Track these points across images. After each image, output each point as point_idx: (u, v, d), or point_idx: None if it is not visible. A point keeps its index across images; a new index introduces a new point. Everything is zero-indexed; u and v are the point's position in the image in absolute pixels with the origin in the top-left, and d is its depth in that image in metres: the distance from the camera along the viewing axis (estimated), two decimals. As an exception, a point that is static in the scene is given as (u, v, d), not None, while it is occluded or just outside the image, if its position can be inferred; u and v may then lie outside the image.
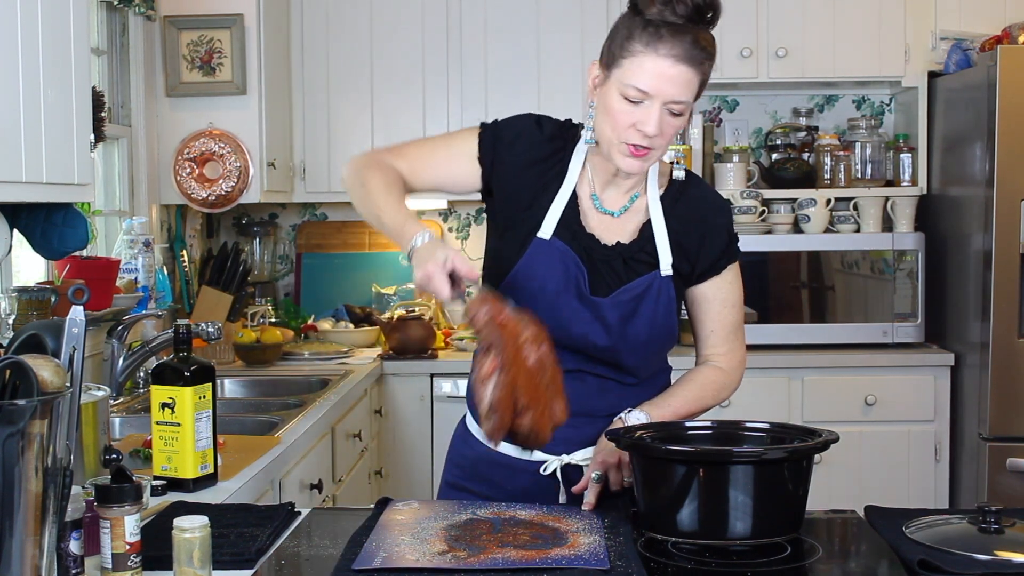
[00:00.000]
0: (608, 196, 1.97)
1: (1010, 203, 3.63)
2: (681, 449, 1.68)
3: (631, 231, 1.96)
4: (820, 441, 1.64)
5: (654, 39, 1.78)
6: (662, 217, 1.96)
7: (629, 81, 1.80)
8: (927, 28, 4.09)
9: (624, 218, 1.97)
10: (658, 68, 1.78)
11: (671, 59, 1.78)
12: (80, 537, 1.49)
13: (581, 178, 1.97)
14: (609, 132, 1.85)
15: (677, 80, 1.79)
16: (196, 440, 1.98)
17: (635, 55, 1.80)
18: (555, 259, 1.91)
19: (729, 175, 4.25)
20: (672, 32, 1.78)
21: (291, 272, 4.60)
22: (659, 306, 1.93)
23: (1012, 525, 1.64)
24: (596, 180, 1.97)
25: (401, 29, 4.17)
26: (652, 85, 1.79)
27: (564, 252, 1.91)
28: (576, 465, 1.94)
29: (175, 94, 3.82)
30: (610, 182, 1.96)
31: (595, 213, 1.96)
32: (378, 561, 1.53)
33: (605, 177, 1.96)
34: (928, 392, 3.95)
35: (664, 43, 1.78)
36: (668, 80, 1.79)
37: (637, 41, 1.79)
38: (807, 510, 1.69)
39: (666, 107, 1.80)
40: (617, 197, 1.97)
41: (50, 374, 1.32)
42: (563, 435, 1.90)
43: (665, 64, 1.78)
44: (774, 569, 1.55)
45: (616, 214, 1.97)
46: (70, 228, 2.49)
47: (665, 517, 1.63)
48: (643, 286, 1.92)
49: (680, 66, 1.78)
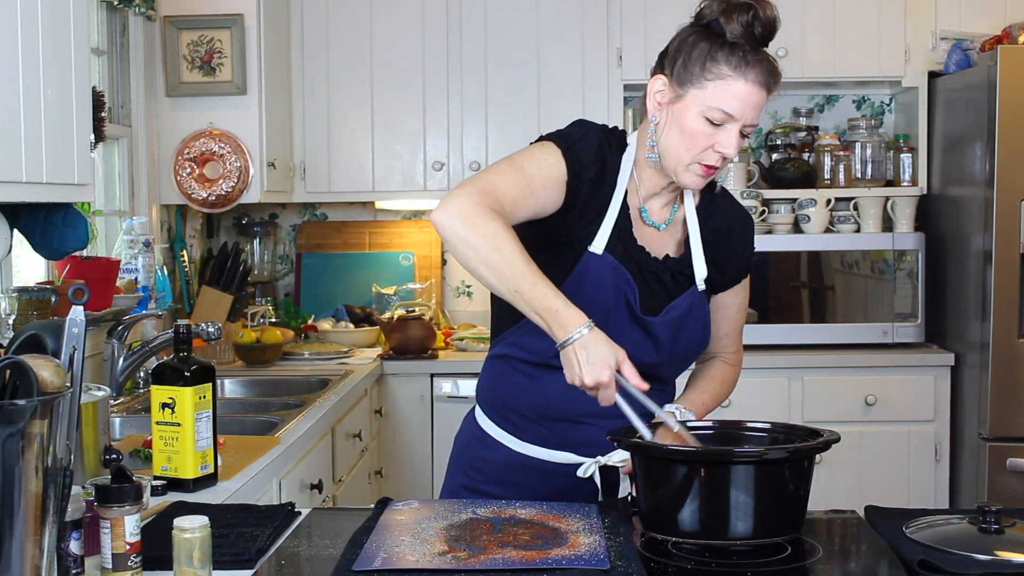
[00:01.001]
0: (653, 208, 1.97)
1: (1010, 203, 3.63)
2: (682, 449, 1.68)
3: (676, 244, 1.98)
4: (821, 441, 1.64)
5: (743, 64, 1.81)
6: (698, 230, 1.98)
7: (715, 104, 1.81)
8: (927, 28, 4.09)
9: (669, 231, 1.98)
10: (746, 93, 1.81)
11: (757, 85, 1.82)
12: (80, 537, 1.49)
13: (630, 189, 1.94)
14: (683, 151, 1.85)
15: (759, 105, 1.84)
16: (196, 440, 1.98)
17: (723, 79, 1.81)
18: (606, 274, 1.89)
19: (729, 175, 4.24)
20: (755, 56, 1.81)
21: (291, 272, 4.60)
22: (698, 322, 1.96)
23: (1012, 525, 1.64)
24: (643, 191, 1.95)
25: (401, 29, 4.17)
26: (739, 109, 1.81)
27: (616, 268, 1.90)
28: (612, 467, 1.92)
29: (175, 94, 3.82)
30: (655, 194, 1.95)
31: (643, 226, 1.96)
32: (378, 562, 1.53)
33: (650, 189, 1.95)
34: (928, 392, 3.95)
35: (751, 69, 1.81)
36: (753, 105, 1.82)
37: (724, 64, 1.81)
38: (807, 510, 1.69)
39: (742, 129, 1.84)
40: (661, 210, 1.98)
41: (50, 374, 1.32)
42: (596, 437, 1.89)
43: (752, 89, 1.81)
44: (774, 569, 1.55)
45: (661, 227, 1.97)
46: (70, 228, 2.49)
47: (667, 517, 1.63)
48: (687, 303, 1.94)
49: (763, 91, 1.83)
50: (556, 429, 1.94)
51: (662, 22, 4.14)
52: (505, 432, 2.00)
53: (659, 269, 1.94)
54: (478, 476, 2.03)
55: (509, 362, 1.99)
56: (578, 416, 1.92)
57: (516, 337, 1.97)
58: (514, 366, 1.98)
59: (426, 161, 4.21)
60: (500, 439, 2.01)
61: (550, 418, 1.94)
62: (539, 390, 1.94)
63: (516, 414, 1.98)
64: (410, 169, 4.21)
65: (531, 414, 1.96)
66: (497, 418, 2.02)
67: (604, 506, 1.82)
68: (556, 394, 1.92)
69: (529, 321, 1.77)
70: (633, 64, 4.12)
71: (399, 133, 4.20)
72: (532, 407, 1.96)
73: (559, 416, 1.94)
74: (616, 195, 1.92)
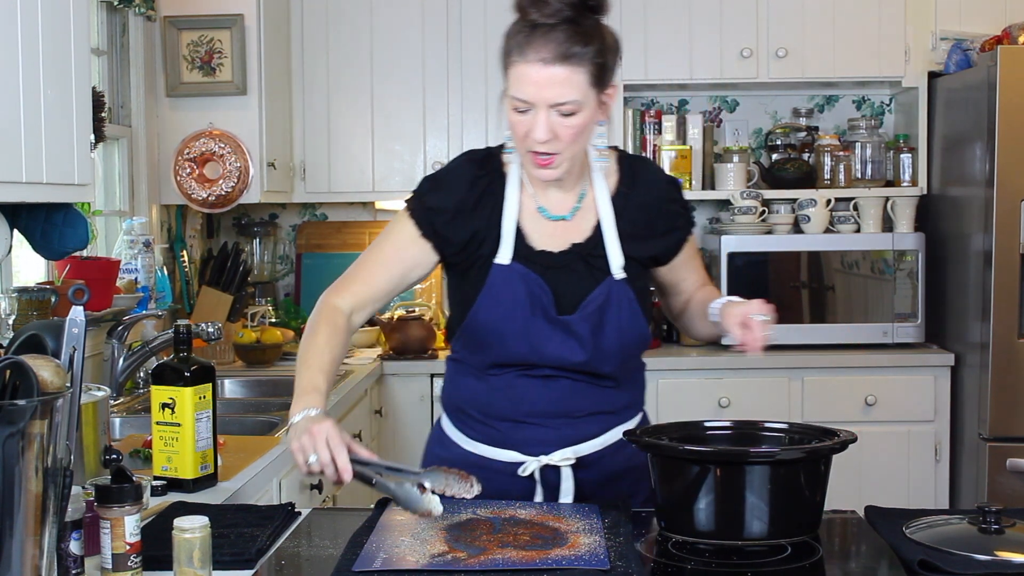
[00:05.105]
0: (554, 201, 1.96)
1: (1010, 203, 3.63)
2: (698, 449, 1.68)
3: (585, 230, 1.96)
4: (838, 441, 1.65)
5: (523, 45, 1.78)
6: (612, 216, 1.95)
7: (512, 92, 1.81)
8: (927, 28, 4.09)
9: (578, 218, 1.96)
10: (530, 75, 1.77)
11: (539, 63, 1.76)
12: (80, 537, 1.49)
13: (524, 193, 1.95)
14: (517, 144, 1.86)
15: (552, 82, 1.77)
16: (196, 440, 1.98)
17: (512, 65, 1.80)
18: (516, 282, 1.90)
19: (729, 175, 4.24)
20: (542, 34, 1.76)
21: (291, 272, 4.60)
22: (623, 311, 1.92)
23: (1012, 525, 1.64)
24: (537, 190, 1.96)
25: (401, 29, 4.17)
26: (531, 93, 1.78)
27: (524, 274, 1.91)
28: (554, 466, 1.94)
29: (175, 94, 3.82)
30: (548, 185, 1.95)
31: (547, 223, 1.95)
32: (378, 563, 1.53)
33: (542, 183, 1.95)
34: (928, 392, 3.95)
35: (532, 47, 1.77)
36: (542, 84, 1.77)
37: (514, 50, 1.79)
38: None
39: (553, 110, 1.79)
40: (564, 199, 1.96)
41: (50, 374, 1.32)
42: (541, 436, 1.93)
43: (534, 69, 1.77)
44: (774, 569, 1.55)
45: (569, 216, 1.96)
46: (70, 228, 2.49)
47: (682, 517, 1.63)
48: (603, 295, 1.92)
49: (552, 67, 1.76)
50: (501, 428, 1.96)
51: (662, 22, 4.15)
52: (457, 431, 2.02)
53: (568, 261, 1.93)
54: None
55: (459, 364, 2.02)
56: (521, 416, 1.94)
57: (458, 343, 2.01)
58: (463, 368, 2.01)
59: (426, 161, 4.21)
60: (454, 438, 2.03)
61: (495, 417, 1.96)
62: (485, 390, 1.97)
63: (465, 414, 2.01)
64: (410, 169, 4.20)
65: (478, 414, 1.98)
66: (452, 418, 2.05)
67: (604, 506, 1.82)
68: (500, 394, 1.95)
69: (467, 329, 1.92)
70: (633, 64, 4.12)
71: (399, 133, 4.20)
72: (478, 406, 1.98)
73: (503, 416, 1.96)
74: (508, 207, 1.93)
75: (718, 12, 4.14)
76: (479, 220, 1.93)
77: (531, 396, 1.93)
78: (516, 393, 1.93)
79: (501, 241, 1.92)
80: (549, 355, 1.90)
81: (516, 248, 1.92)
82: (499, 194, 1.94)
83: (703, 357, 3.99)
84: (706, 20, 4.15)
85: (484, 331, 1.91)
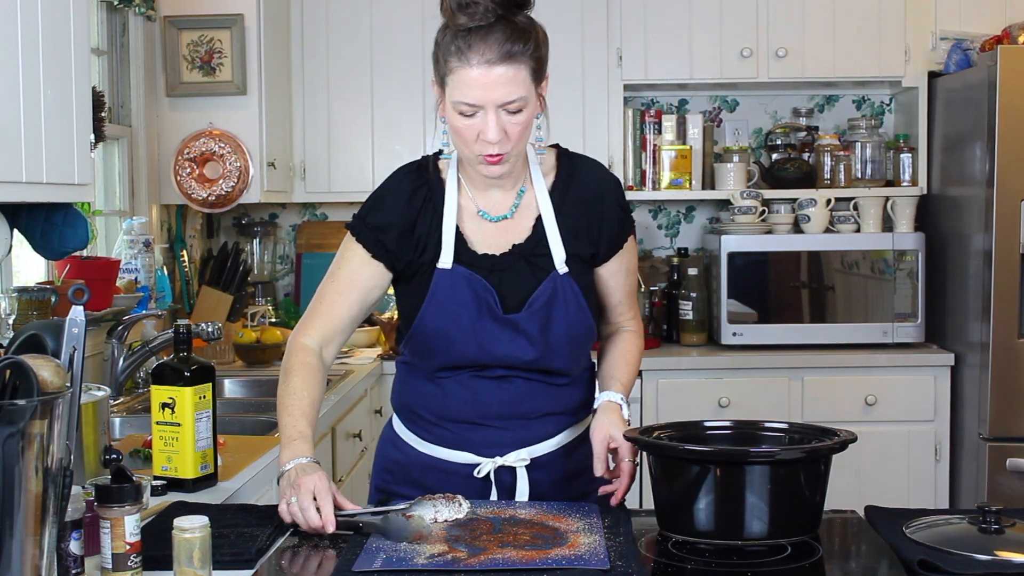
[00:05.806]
0: (493, 202, 1.96)
1: (1010, 203, 3.63)
2: (698, 449, 1.68)
3: (526, 227, 1.96)
4: (838, 441, 1.65)
5: (464, 50, 1.78)
6: (552, 211, 1.95)
7: (456, 98, 1.81)
8: (927, 28, 4.09)
9: (518, 217, 1.96)
10: (475, 78, 1.78)
11: (485, 65, 1.77)
12: (80, 537, 1.49)
13: (462, 196, 1.96)
14: (463, 148, 1.87)
15: (499, 82, 1.78)
16: (196, 440, 1.98)
17: (454, 71, 1.80)
18: (461, 285, 1.91)
19: (729, 175, 4.24)
20: (480, 37, 1.77)
21: (291, 272, 4.60)
22: (569, 305, 1.92)
23: (1012, 525, 1.64)
24: (476, 192, 1.96)
25: (401, 29, 4.17)
26: (479, 96, 1.79)
27: (468, 276, 1.91)
28: (509, 467, 1.94)
29: (175, 94, 3.82)
30: (489, 186, 1.95)
31: (488, 224, 1.96)
32: (378, 563, 1.53)
33: (482, 185, 1.95)
34: (928, 392, 3.95)
35: (474, 52, 1.78)
36: (489, 87, 1.78)
37: (452, 57, 1.80)
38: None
39: (501, 110, 1.80)
40: (503, 198, 1.97)
41: (50, 374, 1.32)
42: (495, 438, 1.93)
43: (479, 72, 1.78)
44: (774, 569, 1.55)
45: (509, 215, 1.96)
46: (70, 228, 2.49)
47: (682, 517, 1.63)
48: (549, 290, 1.92)
49: (497, 68, 1.78)
50: (455, 430, 1.96)
51: (662, 22, 4.15)
52: (411, 433, 2.02)
53: (511, 262, 1.93)
54: (390, 477, 2.05)
55: (411, 367, 2.02)
56: (476, 418, 1.94)
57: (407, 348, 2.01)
58: (415, 371, 2.01)
59: (426, 161, 4.20)
60: (408, 440, 2.02)
61: (450, 420, 1.96)
62: (439, 393, 1.96)
63: (418, 416, 2.00)
64: (410, 169, 4.20)
65: (431, 416, 1.98)
66: (405, 420, 2.04)
67: (604, 506, 1.82)
68: (454, 396, 1.95)
69: (415, 335, 1.93)
70: (633, 64, 4.12)
71: (399, 133, 4.20)
72: (431, 409, 1.98)
73: (458, 418, 1.95)
74: (447, 211, 1.94)
75: (718, 12, 4.14)
76: (421, 228, 1.95)
77: (485, 397, 1.93)
78: (470, 395, 1.93)
79: (443, 245, 1.93)
80: (499, 355, 1.91)
81: (457, 252, 1.92)
82: (438, 200, 1.95)
83: (703, 357, 3.99)
84: (706, 20, 4.15)
85: (432, 336, 1.92)
